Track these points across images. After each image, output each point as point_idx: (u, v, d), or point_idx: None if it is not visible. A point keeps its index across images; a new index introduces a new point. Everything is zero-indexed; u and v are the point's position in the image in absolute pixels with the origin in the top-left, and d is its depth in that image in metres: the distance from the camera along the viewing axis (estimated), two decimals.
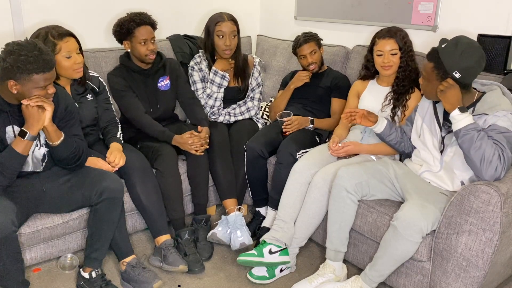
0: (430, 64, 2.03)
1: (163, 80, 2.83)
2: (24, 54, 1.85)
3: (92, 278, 2.23)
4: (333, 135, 2.64)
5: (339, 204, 2.22)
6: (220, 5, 3.46)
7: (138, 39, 2.64)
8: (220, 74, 2.90)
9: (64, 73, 2.34)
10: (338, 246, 2.26)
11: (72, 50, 2.31)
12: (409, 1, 2.84)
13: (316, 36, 2.88)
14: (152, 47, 2.67)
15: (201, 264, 2.43)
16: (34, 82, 1.90)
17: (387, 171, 2.27)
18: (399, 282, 2.19)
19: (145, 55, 2.67)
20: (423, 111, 2.25)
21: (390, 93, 2.55)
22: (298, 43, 2.85)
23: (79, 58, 2.35)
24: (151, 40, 2.67)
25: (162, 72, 2.84)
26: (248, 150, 2.71)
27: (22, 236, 2.19)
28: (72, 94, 2.40)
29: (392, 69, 2.51)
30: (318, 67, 2.89)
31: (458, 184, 2.10)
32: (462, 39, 2.02)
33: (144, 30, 2.64)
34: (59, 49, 2.27)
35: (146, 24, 2.65)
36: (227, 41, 2.84)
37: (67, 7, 2.97)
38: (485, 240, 1.86)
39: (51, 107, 1.98)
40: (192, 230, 2.56)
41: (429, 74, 2.04)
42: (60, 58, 2.29)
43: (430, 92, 2.10)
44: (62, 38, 2.28)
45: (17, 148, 1.97)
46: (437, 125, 2.17)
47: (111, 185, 2.17)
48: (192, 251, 2.47)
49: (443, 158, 2.14)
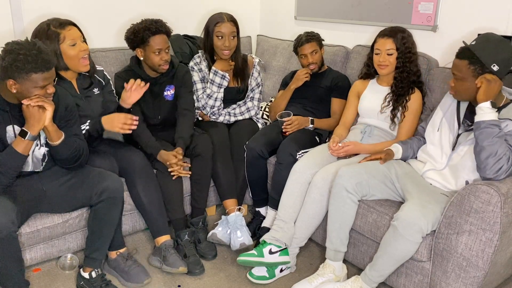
0: (463, 62, 2.03)
1: (169, 89, 2.75)
2: (22, 53, 1.84)
3: (92, 278, 2.23)
4: (333, 135, 2.64)
5: (339, 204, 2.22)
6: (220, 5, 3.46)
7: (153, 48, 2.54)
8: (220, 74, 2.90)
9: (71, 63, 2.31)
10: (338, 246, 2.26)
11: (76, 38, 2.29)
12: (409, 1, 2.84)
13: (318, 36, 2.88)
14: (166, 57, 2.58)
15: (201, 266, 2.43)
16: (32, 82, 1.89)
17: (388, 171, 2.27)
18: (399, 282, 2.19)
19: (158, 65, 2.59)
20: (445, 107, 2.26)
21: (389, 94, 2.55)
22: (299, 42, 2.85)
23: (84, 45, 2.33)
24: (166, 49, 2.58)
25: (169, 81, 2.74)
26: (248, 150, 2.71)
27: (22, 236, 2.19)
28: (78, 89, 2.39)
29: (388, 69, 2.51)
30: (318, 67, 2.89)
31: (462, 183, 2.09)
32: (490, 34, 2.07)
33: (160, 40, 2.54)
34: (63, 38, 2.26)
35: (162, 33, 2.55)
36: (226, 42, 2.83)
37: (67, 7, 2.97)
38: (485, 240, 1.86)
39: (51, 107, 1.98)
40: (192, 232, 2.56)
41: (463, 72, 2.03)
42: (65, 47, 2.27)
43: (464, 92, 2.08)
44: (64, 27, 2.27)
45: (17, 148, 1.97)
46: (457, 122, 2.18)
47: (111, 185, 2.17)
48: (192, 253, 2.47)
49: (452, 155, 2.15)
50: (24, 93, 1.92)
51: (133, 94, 2.39)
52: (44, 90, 1.94)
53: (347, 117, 2.75)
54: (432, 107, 2.59)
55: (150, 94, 2.70)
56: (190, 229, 2.57)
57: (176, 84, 2.76)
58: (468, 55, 2.02)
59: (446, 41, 2.73)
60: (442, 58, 2.72)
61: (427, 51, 2.74)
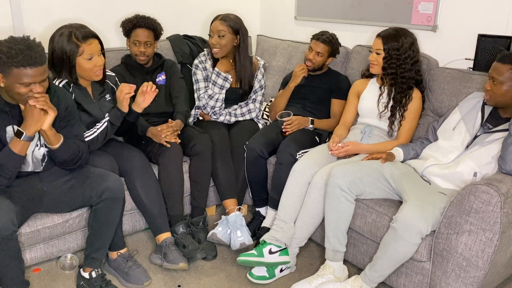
0: (506, 66, 2.05)
1: (161, 75, 2.92)
2: (8, 47, 1.83)
3: (92, 278, 2.23)
4: (333, 135, 2.64)
5: (333, 203, 2.22)
6: (220, 5, 3.47)
7: (132, 39, 2.77)
8: (223, 76, 2.90)
9: (84, 74, 2.33)
10: (336, 246, 2.26)
11: (94, 53, 2.29)
12: (409, 1, 2.84)
13: (336, 46, 2.88)
14: (143, 49, 2.76)
15: (201, 249, 2.44)
16: (14, 77, 1.86)
17: (382, 170, 2.27)
18: (399, 282, 2.19)
19: (135, 55, 2.79)
20: (464, 109, 2.30)
21: (381, 95, 2.57)
22: (317, 35, 2.86)
23: (100, 61, 2.33)
24: (146, 43, 2.76)
25: (160, 70, 2.93)
26: (248, 150, 2.71)
27: (22, 236, 2.19)
28: (93, 95, 2.41)
29: (375, 68, 2.55)
30: (313, 68, 2.88)
31: (470, 172, 2.12)
32: None
33: (139, 32, 2.74)
34: (81, 51, 2.26)
35: (142, 27, 2.74)
36: (212, 39, 2.87)
37: (67, 7, 2.97)
38: (485, 240, 1.86)
39: (54, 113, 1.97)
40: (186, 224, 2.58)
41: (506, 76, 2.06)
42: (81, 60, 2.27)
43: (501, 96, 2.09)
44: (86, 40, 2.26)
45: (14, 148, 1.95)
46: (479, 124, 2.21)
47: (112, 185, 2.17)
48: (190, 241, 2.48)
49: (464, 153, 2.18)
50: (8, 88, 1.90)
51: (146, 97, 2.40)
52: (28, 88, 1.90)
53: (347, 117, 2.75)
54: (432, 107, 2.60)
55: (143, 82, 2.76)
56: (184, 221, 2.57)
57: (166, 71, 2.95)
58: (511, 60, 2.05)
59: (446, 41, 2.73)
60: (442, 58, 2.72)
61: (427, 51, 2.74)
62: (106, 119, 2.37)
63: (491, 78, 2.11)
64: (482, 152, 2.13)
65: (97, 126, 2.35)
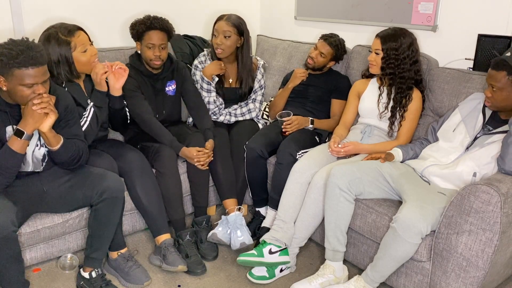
0: (502, 73, 2.05)
1: (171, 84, 2.80)
2: (9, 48, 1.83)
3: (92, 278, 2.23)
4: (333, 135, 2.64)
5: (332, 202, 2.22)
6: (221, 5, 3.47)
7: (146, 42, 2.60)
8: (206, 81, 2.89)
9: (84, 68, 2.33)
10: (336, 246, 2.26)
11: (85, 43, 2.31)
12: (409, 1, 2.85)
13: (341, 51, 2.88)
14: (158, 53, 2.61)
15: (203, 266, 2.43)
16: (17, 78, 1.86)
17: (381, 170, 2.28)
18: (399, 282, 2.19)
19: (149, 60, 2.63)
20: (464, 111, 2.30)
21: (381, 96, 2.56)
22: (325, 36, 2.86)
23: (94, 49, 2.35)
24: (160, 46, 2.61)
25: (170, 77, 2.80)
26: (248, 150, 2.71)
27: (22, 236, 2.19)
28: (86, 91, 2.40)
29: (374, 69, 2.56)
30: (313, 67, 2.88)
31: (469, 172, 2.12)
32: None
33: (153, 35, 2.59)
34: (74, 46, 2.27)
35: (157, 29, 2.59)
36: (217, 39, 2.84)
37: (67, 6, 2.97)
38: (485, 240, 1.86)
39: (55, 116, 1.98)
40: (193, 232, 2.56)
41: (503, 83, 2.06)
42: (77, 54, 2.28)
43: (503, 101, 2.10)
44: (73, 34, 2.27)
45: (12, 146, 1.95)
46: (479, 126, 2.21)
47: (112, 185, 2.17)
48: (194, 253, 2.47)
49: (463, 154, 2.18)
50: (11, 91, 1.90)
51: (117, 77, 2.35)
52: (31, 90, 1.91)
53: (347, 117, 2.75)
54: (432, 108, 2.60)
55: (153, 91, 2.73)
56: (191, 229, 2.57)
57: (177, 79, 2.81)
58: (506, 66, 2.04)
59: (446, 41, 2.73)
60: (442, 58, 2.72)
61: (427, 51, 2.74)
62: (90, 105, 2.35)
63: (490, 85, 2.11)
64: (482, 152, 2.13)
65: (84, 115, 2.32)
